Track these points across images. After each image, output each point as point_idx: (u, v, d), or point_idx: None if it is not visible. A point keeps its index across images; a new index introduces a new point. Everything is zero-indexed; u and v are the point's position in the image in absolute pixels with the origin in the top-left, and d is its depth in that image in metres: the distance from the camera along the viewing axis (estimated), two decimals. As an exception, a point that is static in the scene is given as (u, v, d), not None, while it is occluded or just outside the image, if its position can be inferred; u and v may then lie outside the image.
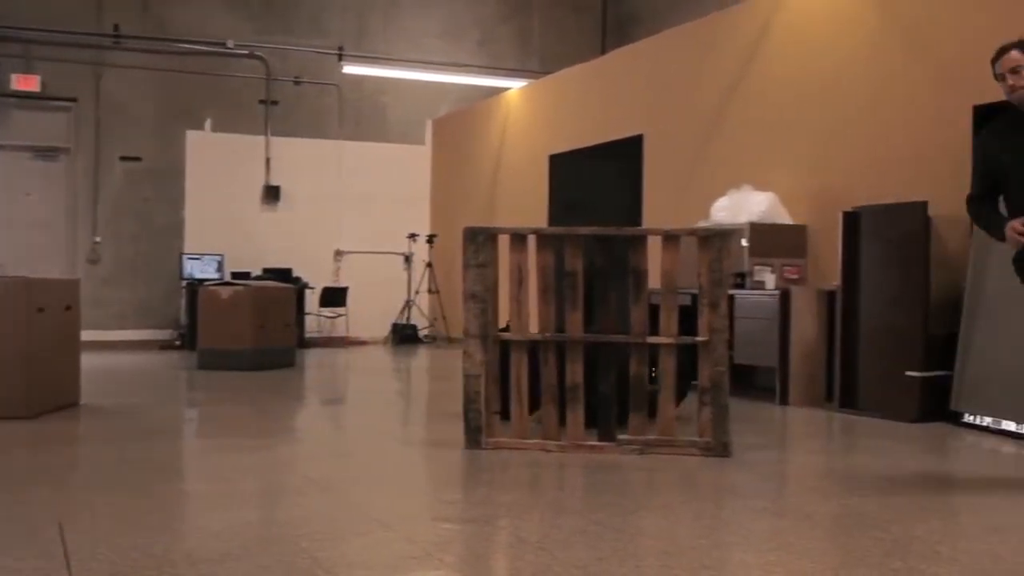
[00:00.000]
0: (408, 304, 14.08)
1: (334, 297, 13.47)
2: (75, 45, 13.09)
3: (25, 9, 12.79)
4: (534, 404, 5.30)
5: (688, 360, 5.31)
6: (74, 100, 13.22)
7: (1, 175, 12.95)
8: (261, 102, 14.07)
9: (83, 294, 7.39)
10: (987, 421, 5.78)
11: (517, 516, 3.64)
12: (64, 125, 13.26)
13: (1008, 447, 5.30)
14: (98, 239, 13.24)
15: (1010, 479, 4.48)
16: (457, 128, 14.57)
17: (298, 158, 14.11)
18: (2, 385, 6.10)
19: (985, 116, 6.31)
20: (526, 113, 12.90)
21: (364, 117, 14.74)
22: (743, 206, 7.96)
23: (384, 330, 14.11)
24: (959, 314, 6.22)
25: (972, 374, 5.97)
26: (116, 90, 13.37)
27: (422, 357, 11.89)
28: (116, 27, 13.25)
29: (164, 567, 2.92)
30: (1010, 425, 5.60)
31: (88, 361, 7.10)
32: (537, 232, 5.16)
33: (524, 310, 5.16)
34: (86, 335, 7.96)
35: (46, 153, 13.21)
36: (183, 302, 13.00)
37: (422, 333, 14.16)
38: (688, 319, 5.38)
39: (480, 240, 5.11)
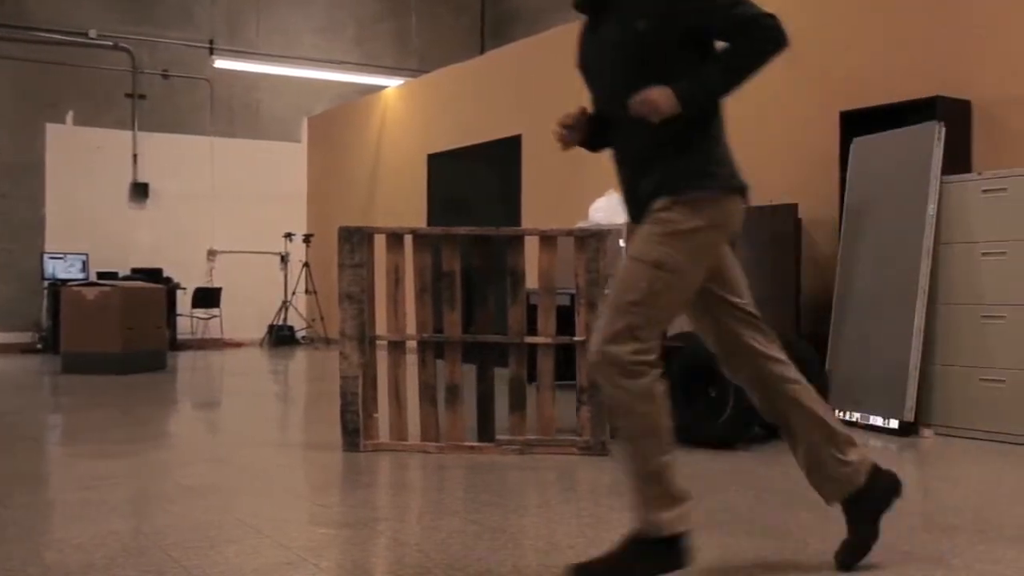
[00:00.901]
0: (285, 305, 13.83)
1: (207, 298, 13.14)
2: (-76, 31, 12.44)
3: None
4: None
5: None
6: (-76, 90, 12.57)
7: None
8: (127, 96, 13.63)
9: (-66, 295, 7.01)
10: (856, 416, 6.01)
11: (395, 519, 3.60)
12: (-87, 116, 12.59)
13: (876, 441, 5.52)
14: (-49, 237, 12.61)
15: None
16: (334, 126, 14.38)
17: (168, 154, 13.70)
18: None
19: (852, 120, 6.58)
20: (404, 112, 12.82)
21: (237, 114, 14.42)
22: (620, 207, 8.09)
23: (260, 332, 13.84)
24: (829, 314, 6.45)
25: (842, 372, 6.19)
26: (-29, 80, 12.76)
27: (299, 359, 11.70)
28: (-29, 14, 12.65)
29: (23, 581, 2.79)
30: (878, 420, 5.83)
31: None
32: (414, 232, 5.12)
33: (401, 310, 5.13)
34: (-62, 338, 7.56)
35: None
36: (45, 303, 12.48)
37: (300, 334, 13.94)
38: (564, 319, 5.43)
39: (356, 240, 5.05)
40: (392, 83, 13.76)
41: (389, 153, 13.03)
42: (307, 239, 13.95)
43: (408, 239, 5.11)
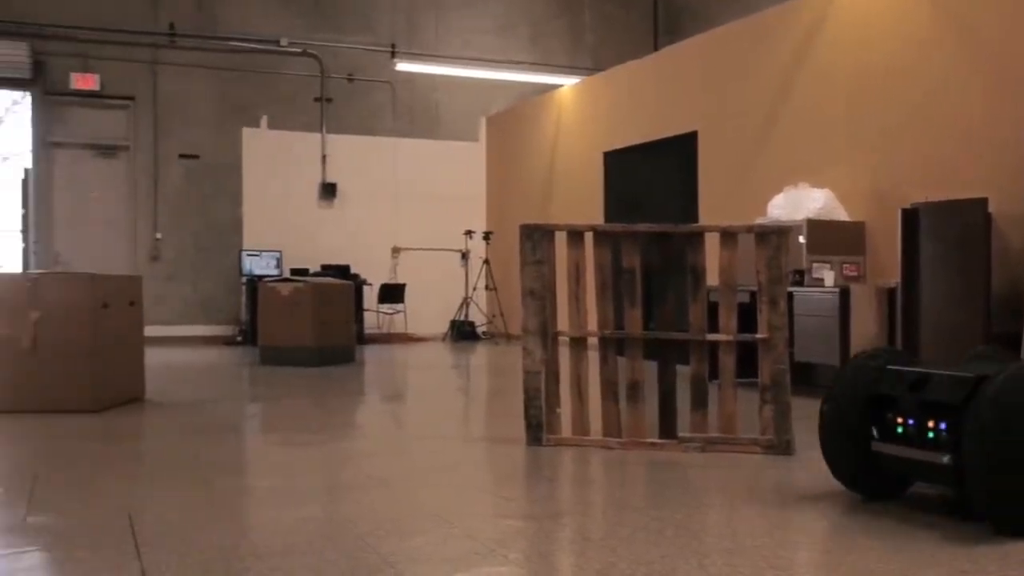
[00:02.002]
0: (466, 301, 14.12)
1: (392, 294, 13.56)
2: (132, 44, 13.31)
3: (82, 9, 13.03)
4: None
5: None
6: (132, 98, 13.46)
7: (65, 173, 13.21)
8: (316, 99, 14.21)
9: (146, 290, 7.52)
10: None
11: (579, 513, 3.64)
12: (123, 123, 13.50)
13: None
14: (159, 236, 13.47)
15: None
16: (511, 125, 14.57)
17: (353, 155, 14.21)
18: (69, 379, 6.23)
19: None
20: (579, 110, 12.87)
21: (417, 114, 14.81)
22: (800, 203, 7.89)
23: (442, 327, 14.17)
24: (1021, 312, 6.09)
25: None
26: (173, 88, 13.59)
27: (480, 354, 11.92)
28: (171, 26, 13.46)
29: (232, 560, 2.97)
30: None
31: (151, 357, 7.23)
32: (594, 229, 5.15)
33: (582, 307, 5.16)
34: (149, 331, 8.10)
35: (106, 151, 13.45)
36: (243, 298, 13.17)
37: (480, 330, 14.19)
38: (746, 317, 5.33)
39: (537, 237, 5.11)
40: (566, 81, 13.84)
41: (565, 151, 13.11)
42: (487, 236, 14.19)
43: (588, 236, 5.14)
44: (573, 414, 5.14)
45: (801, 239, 7.54)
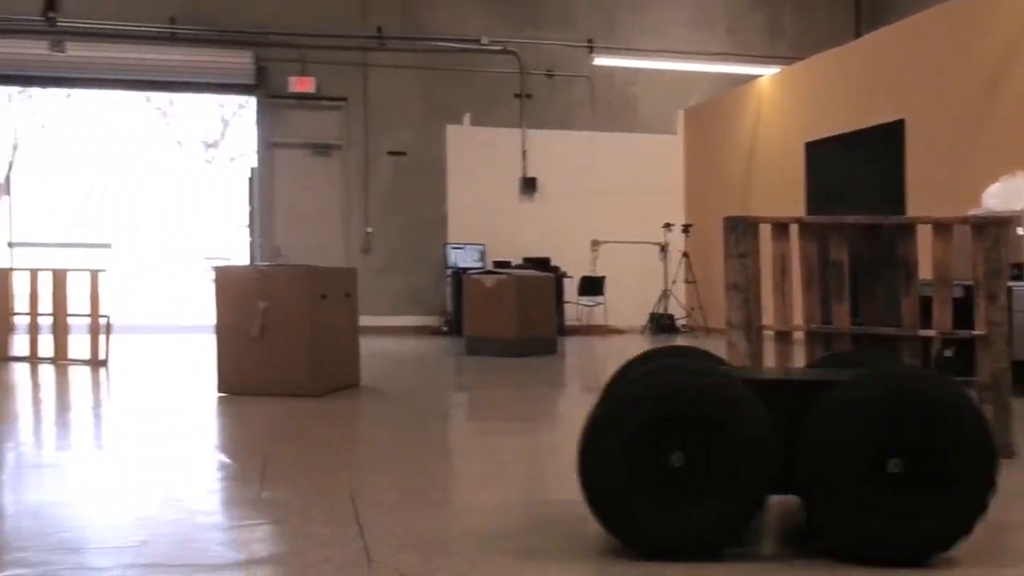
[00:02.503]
0: (665, 294, 14.07)
1: (592, 286, 13.67)
2: (344, 48, 13.97)
3: (299, 16, 13.77)
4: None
5: None
6: (344, 99, 14.12)
7: (284, 171, 14.02)
8: (516, 96, 14.47)
9: (358, 282, 7.92)
10: None
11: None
12: (336, 123, 14.19)
13: None
14: (370, 230, 14.10)
15: None
16: (709, 117, 14.40)
17: (552, 150, 14.40)
18: (292, 366, 6.65)
19: None
20: (779, 100, 12.57)
21: (615, 108, 14.86)
22: (1017, 193, 7.47)
23: (641, 319, 14.18)
24: None
25: None
26: (382, 88, 14.17)
27: (677, 346, 11.83)
28: (379, 29, 14.02)
29: (449, 542, 3.13)
30: None
31: (364, 345, 7.60)
32: (799, 221, 5.06)
33: (788, 300, 5.09)
34: (361, 321, 8.52)
35: (322, 150, 14.18)
36: (448, 290, 13.59)
37: (679, 323, 14.11)
38: (960, 312, 5.11)
39: (740, 230, 5.07)
40: (764, 72, 13.54)
41: (765, 142, 12.84)
42: (686, 229, 14.08)
43: (794, 228, 5.06)
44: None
45: (1020, 231, 7.14)
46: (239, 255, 14.34)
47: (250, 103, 14.50)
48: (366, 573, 2.78)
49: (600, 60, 14.35)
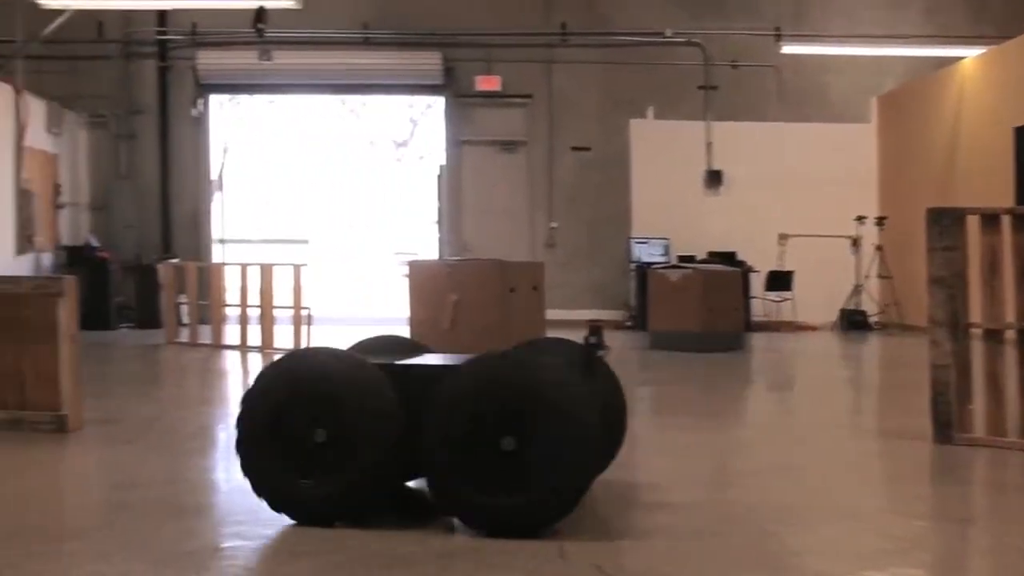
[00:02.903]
0: (857, 289, 13.58)
1: (780, 281, 13.34)
2: (528, 45, 14.12)
3: (485, 17, 14.02)
4: None
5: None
6: (529, 96, 14.28)
7: (471, 168, 14.33)
8: (700, 88, 14.27)
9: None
10: None
11: (997, 520, 3.43)
12: (521, 120, 14.38)
13: None
14: (555, 225, 14.23)
15: None
16: (905, 103, 13.77)
17: (738, 142, 14.12)
18: (482, 359, 6.79)
19: None
20: (985, 83, 11.89)
21: (804, 98, 14.43)
22: None
23: (831, 315, 13.73)
24: None
25: None
26: (565, 84, 14.26)
27: (873, 345, 11.41)
28: (563, 25, 14.09)
29: (642, 537, 3.14)
30: None
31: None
32: (1013, 212, 4.79)
33: (998, 297, 4.82)
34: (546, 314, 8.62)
35: (507, 146, 14.40)
36: (632, 284, 13.56)
37: (872, 319, 13.59)
38: None
39: (945, 222, 4.84)
40: (967, 53, 12.81)
41: (969, 129, 12.17)
42: (880, 222, 13.54)
43: (1006, 220, 4.79)
44: (988, 412, 4.80)
45: None
46: (428, 250, 14.76)
47: (438, 103, 14.89)
48: (561, 564, 2.83)
49: (788, 48, 13.94)
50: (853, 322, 13.38)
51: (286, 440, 3.15)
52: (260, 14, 11.19)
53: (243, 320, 9.87)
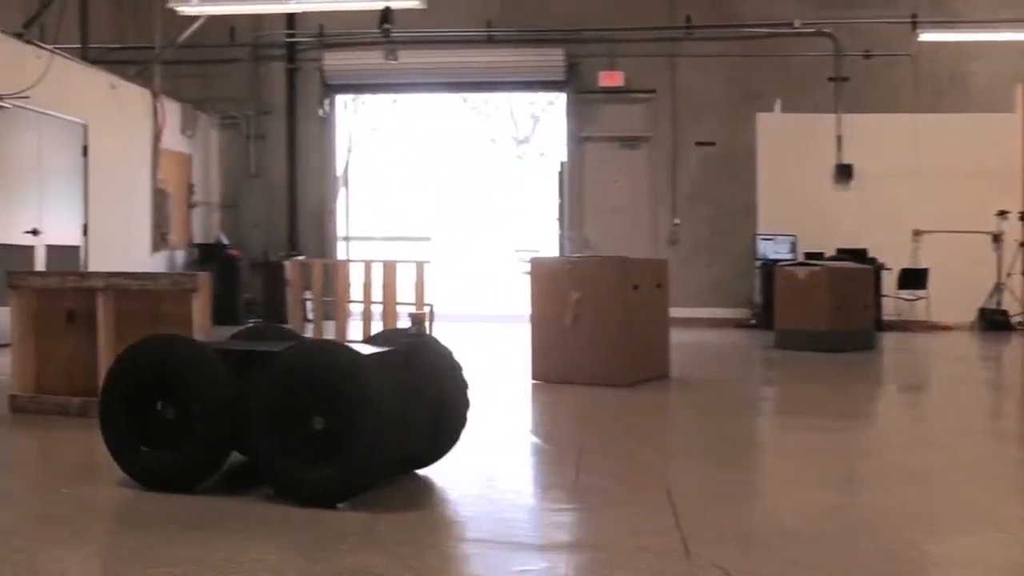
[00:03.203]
0: (998, 287, 12.98)
1: (913, 279, 12.87)
2: (652, 40, 13.97)
3: (609, 12, 13.92)
4: None
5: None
6: (652, 91, 14.13)
7: (592, 164, 14.27)
8: (830, 79, 13.87)
9: (668, 274, 7.89)
10: None
11: None
12: (644, 115, 14.24)
13: None
14: (677, 221, 14.06)
15: None
16: (1057, 91, 13.10)
17: (870, 134, 13.67)
18: (604, 355, 6.72)
19: None
20: None
21: (942, 87, 13.87)
22: None
23: (969, 315, 13.16)
24: None
25: None
26: (690, 79, 14.05)
27: (1015, 346, 10.89)
28: (688, 19, 13.89)
29: (765, 538, 3.05)
30: None
31: (672, 336, 7.58)
32: None
33: None
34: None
35: (629, 142, 14.28)
36: (757, 282, 13.29)
37: (1015, 319, 12.98)
38: None
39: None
40: None
41: (1123, 116, 11.49)
42: None
43: None
44: None
45: None
46: (549, 247, 14.77)
47: (559, 99, 14.87)
48: (685, 565, 2.77)
49: (926, 35, 13.39)
50: (993, 322, 12.81)
51: (133, 415, 3.56)
52: (386, 14, 11.36)
53: (366, 316, 10.05)
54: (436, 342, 3.96)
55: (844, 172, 13.69)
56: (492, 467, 4.21)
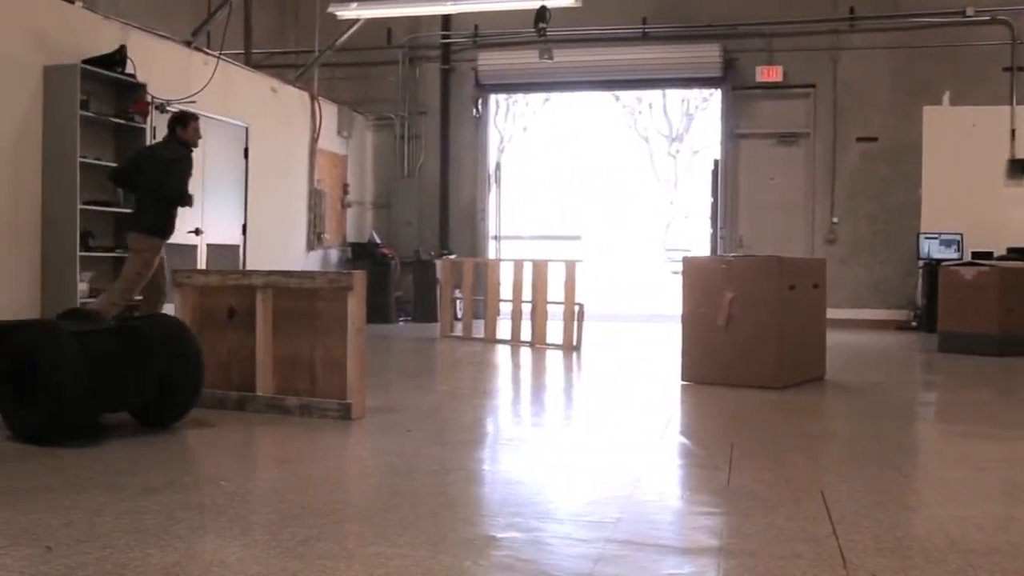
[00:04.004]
0: None
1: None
2: (812, 33, 13.57)
3: (768, 6, 13.60)
4: None
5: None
6: (812, 86, 13.73)
7: (747, 162, 13.97)
8: (1005, 69, 13.17)
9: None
10: None
11: None
12: (803, 111, 13.85)
13: None
14: (835, 220, 13.62)
15: None
16: None
17: (1045, 125, 12.93)
18: (757, 356, 6.57)
19: None
20: None
21: (1125, 75, 12.99)
22: None
23: None
24: None
25: None
26: (852, 73, 13.58)
27: None
28: (851, 10, 13.44)
29: (930, 552, 2.91)
30: None
31: (828, 338, 7.34)
32: None
33: None
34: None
35: (786, 139, 13.92)
36: (919, 282, 12.76)
37: None
38: None
39: None
40: None
41: None
42: None
43: None
44: None
45: None
46: (702, 246, 14.53)
47: (714, 96, 14.61)
48: (842, 574, 2.67)
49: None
50: None
51: (10, 384, 4.50)
52: (542, 13, 11.40)
53: (516, 315, 10.12)
54: (168, 325, 5.03)
55: (1018, 167, 12.98)
56: (640, 468, 4.17)
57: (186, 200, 7.38)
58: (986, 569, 2.73)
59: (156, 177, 7.22)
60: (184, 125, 7.43)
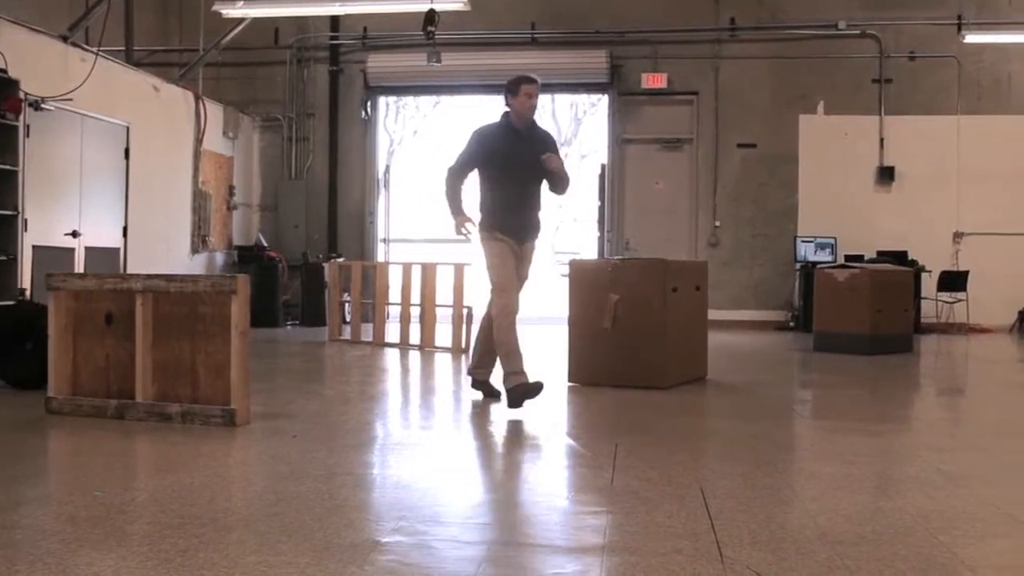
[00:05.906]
0: (1040, 290, 12.81)
1: (953, 282, 12.73)
2: (695, 42, 13.91)
3: (653, 14, 13.88)
4: None
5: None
6: (695, 93, 14.07)
7: (634, 166, 14.23)
8: (874, 81, 13.74)
9: (707, 276, 7.85)
10: None
11: None
12: (686, 117, 14.18)
13: None
14: (718, 223, 13.98)
15: None
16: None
17: (913, 137, 13.54)
18: (642, 357, 6.72)
19: None
20: None
21: (986, 89, 13.68)
22: None
23: (1009, 318, 13.01)
24: None
25: None
26: (732, 81, 13.97)
27: (1056, 349, 10.75)
28: (732, 20, 13.83)
29: (799, 542, 3.03)
30: None
31: (710, 338, 7.55)
32: None
33: None
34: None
35: (671, 144, 14.23)
36: (796, 284, 13.21)
37: (1057, 323, 12.81)
38: None
39: None
40: None
41: None
42: (1068, 219, 12.72)
43: None
44: None
45: None
46: (590, 249, 14.72)
47: (602, 101, 14.85)
48: (719, 568, 2.77)
49: (971, 37, 13.22)
50: (1033, 324, 12.64)
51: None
52: (431, 16, 11.39)
53: (404, 319, 10.10)
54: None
55: (886, 174, 13.56)
56: (526, 470, 4.23)
57: None
58: (852, 557, 2.87)
59: None
60: None
